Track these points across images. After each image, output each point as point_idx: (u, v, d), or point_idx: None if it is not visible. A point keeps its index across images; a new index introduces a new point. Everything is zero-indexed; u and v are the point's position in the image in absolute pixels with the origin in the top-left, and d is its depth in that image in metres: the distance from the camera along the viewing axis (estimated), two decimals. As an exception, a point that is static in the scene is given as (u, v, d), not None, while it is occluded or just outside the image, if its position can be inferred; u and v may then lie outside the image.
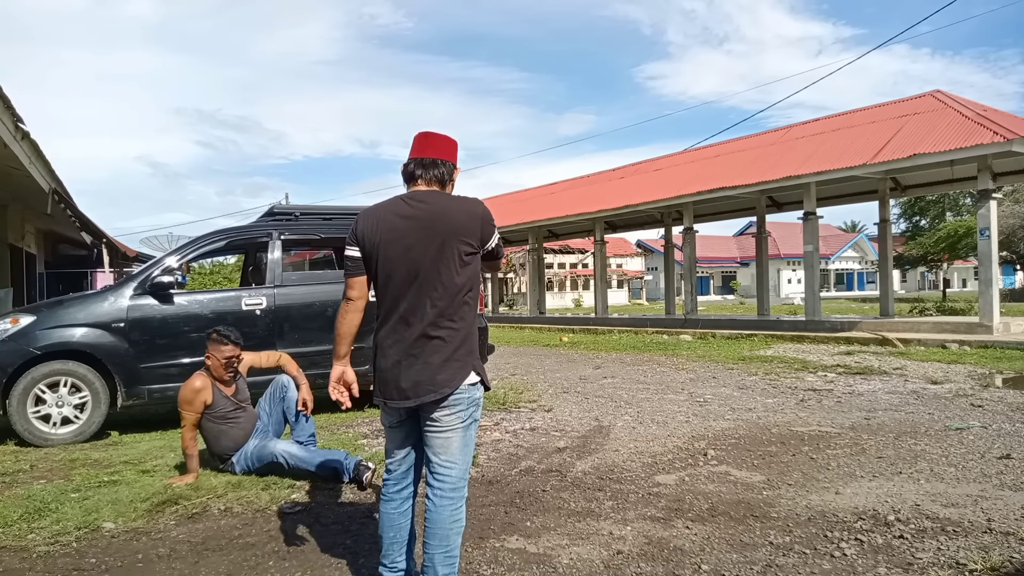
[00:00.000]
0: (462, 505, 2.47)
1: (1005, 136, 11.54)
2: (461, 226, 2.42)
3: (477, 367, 2.47)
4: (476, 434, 2.53)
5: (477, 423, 2.51)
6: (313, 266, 19.86)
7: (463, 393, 2.42)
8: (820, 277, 16.58)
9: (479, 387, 2.49)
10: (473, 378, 2.45)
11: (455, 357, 2.41)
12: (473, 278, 2.47)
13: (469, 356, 2.45)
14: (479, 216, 2.47)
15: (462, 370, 2.42)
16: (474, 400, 2.47)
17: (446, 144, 2.58)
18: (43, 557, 3.20)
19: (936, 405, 6.41)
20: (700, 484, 4.13)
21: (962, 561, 2.89)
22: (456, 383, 2.40)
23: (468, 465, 2.50)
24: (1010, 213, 32.94)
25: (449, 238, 2.40)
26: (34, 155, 8.67)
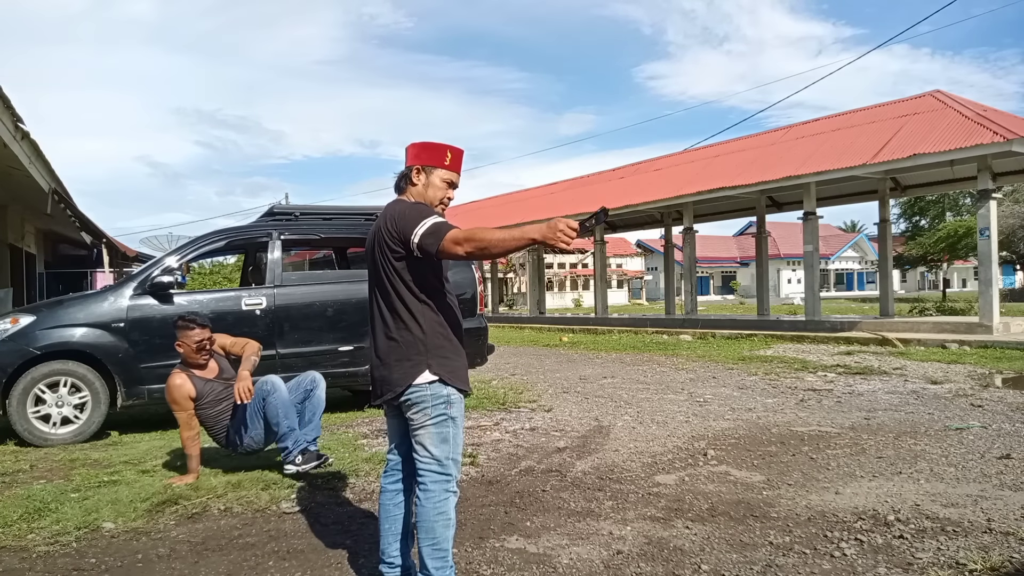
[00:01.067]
0: (447, 499, 2.50)
1: (1005, 136, 11.54)
2: (384, 231, 2.52)
3: (436, 366, 2.50)
4: (456, 431, 2.54)
5: (454, 421, 2.53)
6: (313, 266, 19.87)
7: (423, 391, 2.48)
8: (820, 277, 16.58)
9: (443, 385, 2.50)
10: (428, 376, 2.48)
11: (407, 357, 2.49)
12: (417, 279, 2.50)
13: (424, 356, 2.49)
14: (390, 217, 2.52)
15: (414, 369, 2.48)
16: (438, 397, 2.49)
17: (412, 151, 2.66)
18: (43, 557, 3.20)
19: (936, 405, 6.41)
20: (700, 484, 4.13)
21: (962, 561, 2.89)
22: (406, 382, 2.48)
23: (449, 461, 2.52)
24: (1010, 213, 32.94)
25: (381, 245, 2.54)
26: (34, 155, 8.66)
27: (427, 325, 2.51)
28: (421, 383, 2.48)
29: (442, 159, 2.61)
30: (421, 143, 2.64)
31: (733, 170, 17.31)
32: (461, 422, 2.58)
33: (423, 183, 2.61)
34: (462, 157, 2.68)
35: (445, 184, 2.64)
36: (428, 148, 2.63)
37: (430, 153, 2.62)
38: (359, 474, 4.46)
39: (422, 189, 2.61)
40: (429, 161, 2.61)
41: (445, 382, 2.51)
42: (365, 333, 6.78)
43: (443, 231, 2.38)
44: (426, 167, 2.61)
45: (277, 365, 6.31)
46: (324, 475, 4.42)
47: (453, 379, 2.53)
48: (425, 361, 2.49)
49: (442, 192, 2.64)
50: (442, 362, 2.51)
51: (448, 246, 2.36)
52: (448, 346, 2.55)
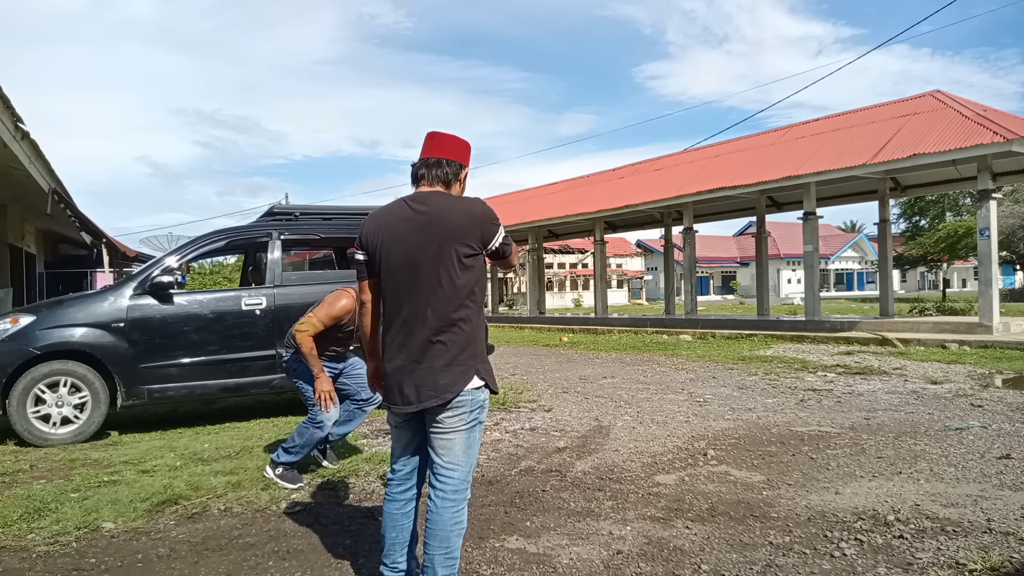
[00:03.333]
0: (464, 507, 2.46)
1: (1005, 136, 11.54)
2: (459, 228, 2.39)
3: (482, 371, 2.45)
4: (480, 436, 2.53)
5: (481, 425, 2.50)
6: (313, 266, 19.85)
7: (467, 396, 2.41)
8: (820, 277, 16.59)
9: (484, 391, 2.47)
10: (477, 382, 2.43)
11: (458, 361, 2.39)
12: (475, 280, 2.43)
13: (473, 360, 2.42)
14: (478, 216, 2.43)
15: (465, 375, 2.40)
16: (478, 403, 2.45)
17: (453, 144, 2.55)
18: (43, 557, 3.20)
19: (936, 405, 6.41)
20: (700, 484, 4.13)
21: (962, 561, 2.89)
22: (459, 388, 2.39)
23: (471, 468, 2.49)
24: (1010, 213, 32.92)
25: (447, 240, 2.37)
26: (34, 155, 8.66)
27: (475, 330, 2.46)
28: (468, 389, 2.41)
29: (469, 159, 2.62)
30: (464, 142, 2.59)
31: (733, 170, 17.31)
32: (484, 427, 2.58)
33: (463, 183, 2.59)
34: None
35: None
36: (467, 148, 2.60)
37: (467, 153, 2.60)
38: (359, 474, 4.46)
39: (460, 189, 2.57)
40: (467, 162, 2.60)
41: (487, 387, 2.48)
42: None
43: (511, 241, 2.54)
44: (466, 167, 2.60)
45: (277, 365, 6.31)
46: (324, 475, 4.42)
47: (492, 382, 2.50)
48: (475, 366, 2.43)
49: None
50: (486, 368, 2.48)
51: (512, 253, 2.55)
52: (485, 350, 2.54)
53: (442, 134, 2.57)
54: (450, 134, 2.57)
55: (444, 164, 2.51)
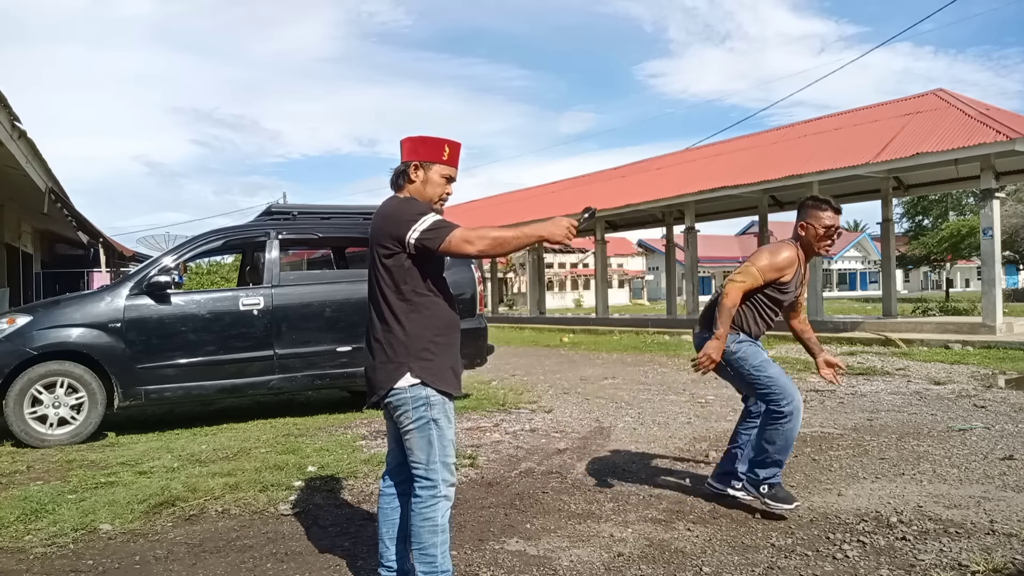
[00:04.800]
0: (433, 505, 2.45)
1: (1008, 135, 11.50)
2: (377, 229, 2.49)
3: (417, 368, 2.44)
4: (441, 433, 2.47)
5: (434, 422, 2.46)
6: (311, 266, 19.83)
7: (404, 394, 2.44)
8: (823, 277, 16.54)
9: (424, 388, 2.44)
10: (409, 379, 2.43)
11: (391, 359, 2.46)
12: (404, 280, 2.45)
13: (407, 358, 2.44)
14: (388, 215, 2.47)
15: (396, 371, 2.44)
16: (419, 400, 2.44)
17: (404, 147, 2.59)
18: (40, 559, 3.17)
19: (939, 406, 6.38)
20: (702, 485, 4.10)
21: (965, 563, 2.86)
22: (388, 385, 2.45)
23: (434, 466, 2.45)
24: (1013, 212, 32.85)
25: (374, 244, 2.51)
26: (31, 154, 8.64)
27: (411, 327, 2.46)
28: (402, 386, 2.44)
29: (440, 154, 2.54)
30: (418, 137, 2.56)
31: (735, 169, 17.28)
32: (447, 424, 2.49)
33: (421, 180, 2.53)
34: (459, 151, 2.60)
35: (444, 180, 2.56)
36: (426, 143, 2.54)
37: (427, 148, 2.54)
38: (357, 476, 4.43)
39: (420, 186, 2.54)
40: (427, 156, 2.53)
41: (426, 384, 2.45)
42: (364, 333, 6.79)
43: (447, 229, 2.36)
44: (424, 163, 2.53)
45: (275, 366, 6.30)
46: (322, 477, 4.40)
47: (435, 381, 2.46)
48: (407, 364, 2.44)
49: (440, 188, 2.56)
50: (424, 365, 2.45)
51: (458, 244, 2.36)
52: (432, 348, 2.48)
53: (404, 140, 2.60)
54: (411, 136, 2.59)
55: (397, 171, 2.59)
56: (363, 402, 6.97)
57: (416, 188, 2.54)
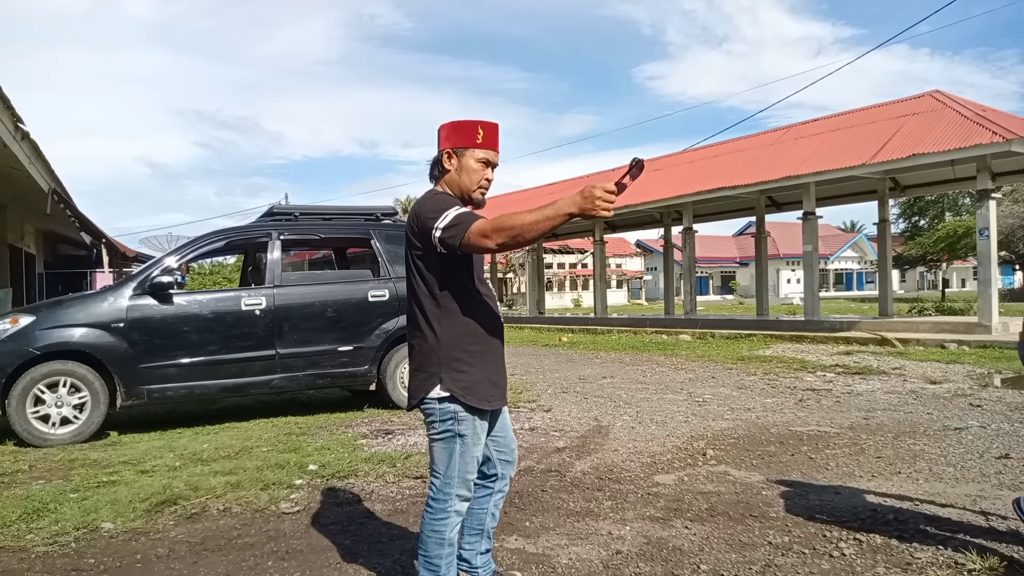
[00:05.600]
0: (445, 519, 2.35)
1: (1004, 136, 11.54)
2: (408, 228, 2.35)
3: (448, 380, 2.29)
4: (464, 449, 2.34)
5: (460, 438, 2.32)
6: (313, 266, 19.82)
7: (433, 405, 2.31)
8: (819, 277, 16.58)
9: (453, 403, 2.29)
10: (439, 392, 2.29)
11: (422, 368, 2.33)
12: (437, 281, 2.30)
13: (439, 368, 2.29)
14: (415, 212, 2.31)
15: (427, 382, 2.31)
16: (447, 414, 2.30)
17: (439, 134, 2.42)
18: (42, 557, 3.20)
19: (935, 405, 6.41)
20: (699, 484, 4.13)
21: (961, 561, 2.89)
22: (419, 395, 2.33)
23: (451, 481, 2.34)
24: (1009, 213, 32.93)
25: (406, 244, 2.37)
26: (34, 155, 8.66)
27: (444, 333, 2.30)
28: (432, 398, 2.30)
29: (473, 138, 2.36)
30: (450, 123, 2.40)
31: (732, 170, 17.31)
32: (473, 441, 2.35)
33: (456, 167, 2.37)
34: (497, 132, 2.41)
35: (481, 164, 2.37)
36: (457, 128, 2.37)
37: (460, 133, 2.37)
38: (358, 474, 4.46)
39: (456, 175, 2.37)
40: (460, 142, 2.36)
41: (456, 399, 2.29)
42: (364, 333, 6.86)
43: (467, 223, 2.16)
44: (457, 149, 2.36)
45: (277, 365, 6.33)
46: (323, 476, 4.43)
47: (466, 395, 2.29)
48: (438, 375, 2.29)
49: (479, 174, 2.37)
50: (456, 376, 2.29)
51: (475, 240, 2.13)
52: (466, 358, 2.31)
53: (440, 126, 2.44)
54: (445, 123, 2.42)
55: (432, 161, 2.45)
56: (364, 401, 7.04)
57: (452, 178, 2.38)
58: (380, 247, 6.90)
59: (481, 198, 2.42)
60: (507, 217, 2.11)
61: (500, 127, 2.42)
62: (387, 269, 6.82)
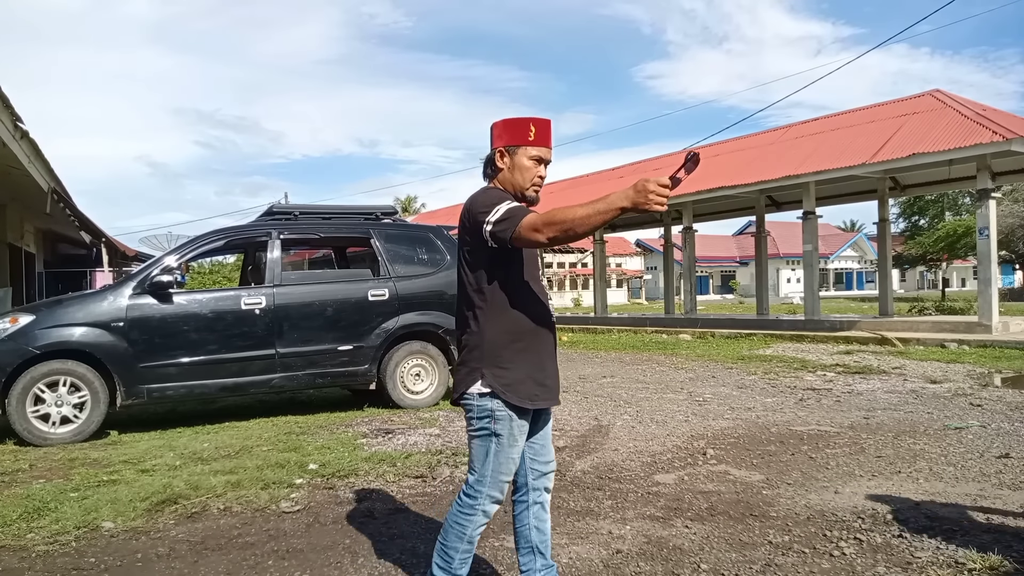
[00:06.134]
0: (471, 516, 2.34)
1: (1004, 135, 11.54)
2: (459, 224, 2.36)
3: (490, 376, 2.28)
4: (501, 448, 2.31)
5: (496, 437, 2.30)
6: (312, 265, 19.80)
7: (472, 401, 2.32)
8: (819, 276, 16.59)
9: (493, 399, 2.28)
10: (479, 387, 2.29)
11: (465, 361, 2.35)
12: (485, 276, 2.30)
13: (481, 363, 2.29)
14: (467, 208, 2.32)
15: (468, 376, 2.31)
16: (484, 411, 2.29)
17: (491, 133, 2.42)
18: (42, 556, 3.20)
19: (935, 404, 6.41)
20: (699, 483, 4.13)
21: (961, 560, 2.89)
22: (460, 389, 2.34)
23: (485, 479, 2.32)
24: (1009, 212, 32.94)
25: (459, 240, 2.39)
26: (33, 154, 8.66)
27: (488, 328, 2.30)
28: (472, 393, 2.31)
29: (525, 135, 2.35)
30: (502, 121, 2.40)
31: (732, 170, 17.31)
32: (510, 441, 2.32)
33: (509, 166, 2.37)
34: (550, 128, 2.40)
35: (533, 162, 2.36)
36: (509, 126, 2.37)
37: (511, 131, 2.36)
38: (358, 474, 4.46)
39: (509, 173, 2.37)
40: (512, 140, 2.36)
41: (496, 395, 2.28)
42: (364, 332, 6.86)
43: (517, 217, 2.15)
44: (510, 147, 2.36)
45: (277, 364, 6.33)
46: (323, 475, 4.43)
47: (506, 392, 2.28)
48: (480, 370, 2.29)
49: (531, 172, 2.37)
50: (497, 372, 2.28)
51: (526, 234, 2.12)
52: (509, 355, 2.30)
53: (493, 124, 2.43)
54: (497, 121, 2.41)
55: (485, 159, 2.46)
56: (364, 401, 7.04)
57: (505, 176, 2.38)
58: (380, 246, 6.90)
59: (535, 195, 2.40)
60: (559, 211, 2.09)
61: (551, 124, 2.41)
62: (387, 268, 6.82)
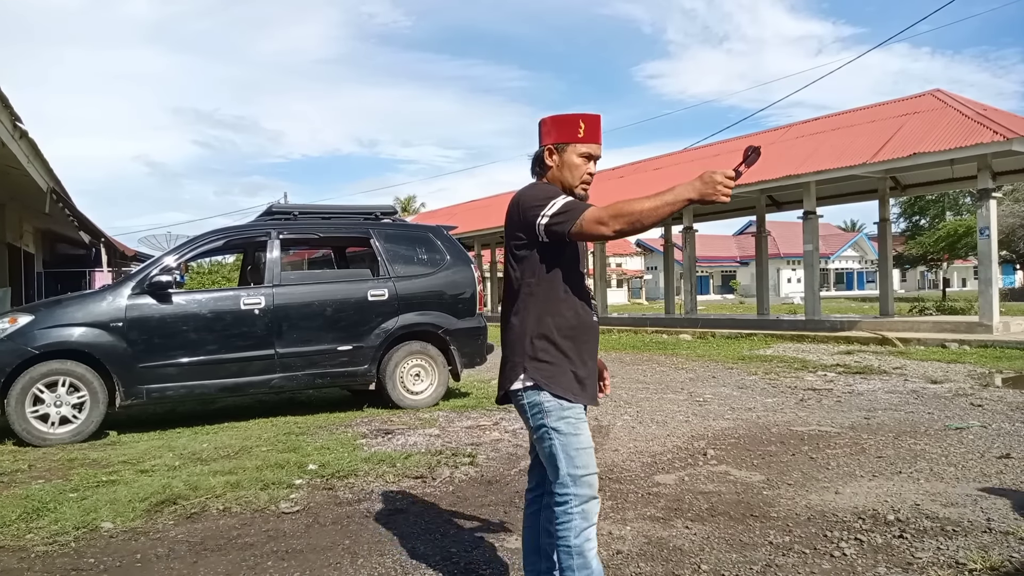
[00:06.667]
0: (567, 523, 2.19)
1: (1005, 135, 11.53)
2: (508, 219, 2.31)
3: (532, 369, 2.23)
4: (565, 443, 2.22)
5: (555, 431, 2.22)
6: (312, 265, 19.80)
7: (520, 398, 2.27)
8: (820, 276, 16.59)
9: (538, 392, 2.23)
10: (522, 381, 2.25)
11: (509, 358, 2.31)
12: (533, 271, 2.26)
13: (523, 357, 2.25)
14: (513, 201, 2.30)
15: (512, 372, 2.28)
16: (534, 407, 2.24)
17: (540, 130, 2.39)
18: (41, 557, 3.19)
19: (936, 404, 6.41)
20: (700, 484, 4.12)
21: (961, 560, 2.89)
22: (506, 386, 2.30)
23: (564, 479, 2.20)
24: (1010, 212, 32.93)
25: (506, 235, 2.34)
26: (32, 154, 8.65)
27: (532, 323, 2.26)
28: (517, 388, 2.26)
29: (575, 132, 2.31)
30: (551, 118, 2.36)
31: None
32: (571, 431, 2.24)
33: (557, 164, 2.33)
34: (599, 124, 2.36)
35: (583, 159, 2.33)
36: (558, 123, 2.33)
37: (560, 128, 2.33)
38: (358, 474, 4.45)
39: (558, 171, 2.33)
40: (561, 138, 2.32)
41: (540, 387, 2.23)
42: (363, 333, 6.85)
43: (578, 211, 2.14)
44: (559, 145, 2.32)
45: (276, 365, 6.32)
46: (323, 475, 4.42)
47: (550, 384, 2.23)
48: (523, 364, 2.25)
49: (581, 169, 2.33)
50: (539, 366, 2.23)
51: (590, 227, 2.11)
52: (552, 349, 2.25)
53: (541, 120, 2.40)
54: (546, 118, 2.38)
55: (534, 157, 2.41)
56: (363, 401, 7.03)
57: (554, 174, 2.35)
58: (379, 246, 6.89)
59: (584, 193, 2.36)
60: (625, 203, 2.08)
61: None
62: (386, 268, 6.81)
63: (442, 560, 3.07)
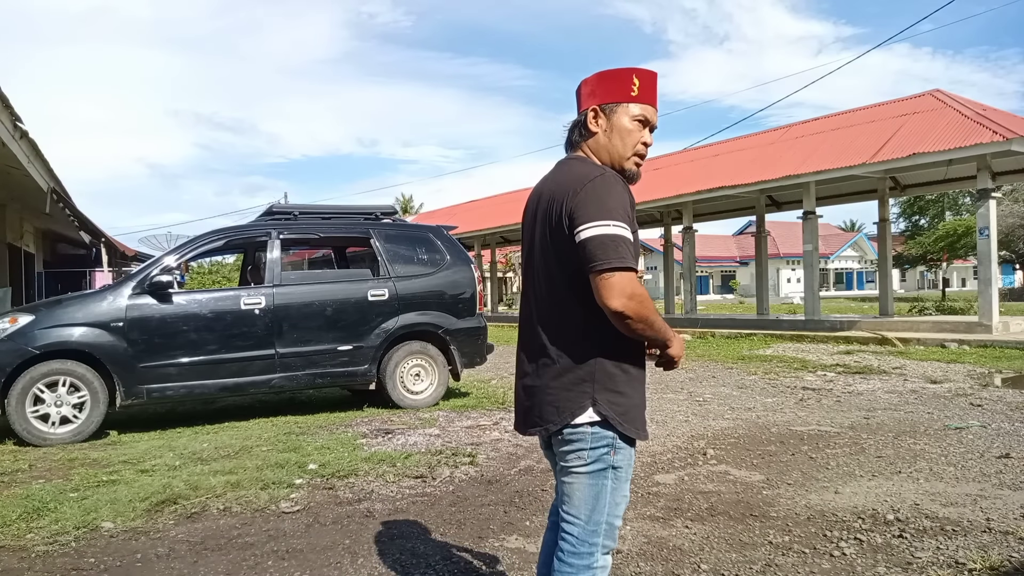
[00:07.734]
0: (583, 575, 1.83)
1: (1004, 135, 11.54)
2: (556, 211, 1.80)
3: (604, 403, 1.79)
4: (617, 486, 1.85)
5: (614, 471, 1.83)
6: (312, 265, 19.81)
7: (582, 431, 1.80)
8: (819, 276, 16.59)
9: (609, 429, 1.80)
10: (591, 415, 1.79)
11: (566, 386, 1.80)
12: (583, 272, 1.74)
13: (590, 386, 1.78)
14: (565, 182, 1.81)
15: (577, 400, 1.79)
16: (600, 439, 1.80)
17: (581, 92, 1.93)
18: (42, 557, 3.19)
19: (935, 404, 6.41)
20: (699, 483, 4.13)
21: (961, 560, 2.89)
22: (561, 421, 1.80)
23: (599, 527, 1.84)
24: (1009, 212, 32.94)
25: (546, 219, 1.83)
26: (33, 154, 8.66)
27: (598, 343, 1.79)
28: (581, 423, 1.80)
29: (627, 90, 1.85)
30: (597, 75, 1.89)
31: (733, 169, 17.31)
32: (627, 475, 1.87)
33: (604, 128, 1.86)
34: (656, 83, 1.90)
35: (637, 124, 1.87)
36: (605, 79, 1.87)
37: (609, 85, 1.86)
38: (358, 474, 4.46)
39: (605, 138, 1.86)
40: (609, 97, 1.85)
41: (612, 425, 1.80)
42: (364, 332, 6.86)
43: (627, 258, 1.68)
44: (606, 106, 1.86)
45: (276, 365, 6.32)
46: (323, 475, 4.42)
47: (624, 422, 1.80)
48: (591, 394, 1.79)
49: (634, 136, 1.87)
50: (613, 398, 1.80)
51: (608, 283, 1.67)
52: (621, 376, 1.81)
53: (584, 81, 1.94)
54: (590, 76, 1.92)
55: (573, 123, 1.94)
56: (363, 401, 7.04)
57: (600, 142, 1.87)
58: (380, 246, 6.90)
59: (636, 170, 1.90)
60: (649, 299, 1.75)
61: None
62: (387, 268, 6.81)
63: (442, 560, 3.07)
